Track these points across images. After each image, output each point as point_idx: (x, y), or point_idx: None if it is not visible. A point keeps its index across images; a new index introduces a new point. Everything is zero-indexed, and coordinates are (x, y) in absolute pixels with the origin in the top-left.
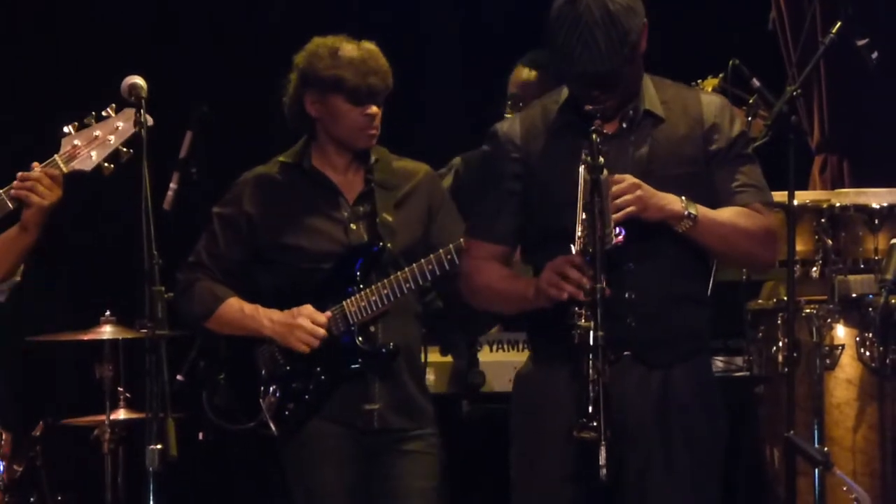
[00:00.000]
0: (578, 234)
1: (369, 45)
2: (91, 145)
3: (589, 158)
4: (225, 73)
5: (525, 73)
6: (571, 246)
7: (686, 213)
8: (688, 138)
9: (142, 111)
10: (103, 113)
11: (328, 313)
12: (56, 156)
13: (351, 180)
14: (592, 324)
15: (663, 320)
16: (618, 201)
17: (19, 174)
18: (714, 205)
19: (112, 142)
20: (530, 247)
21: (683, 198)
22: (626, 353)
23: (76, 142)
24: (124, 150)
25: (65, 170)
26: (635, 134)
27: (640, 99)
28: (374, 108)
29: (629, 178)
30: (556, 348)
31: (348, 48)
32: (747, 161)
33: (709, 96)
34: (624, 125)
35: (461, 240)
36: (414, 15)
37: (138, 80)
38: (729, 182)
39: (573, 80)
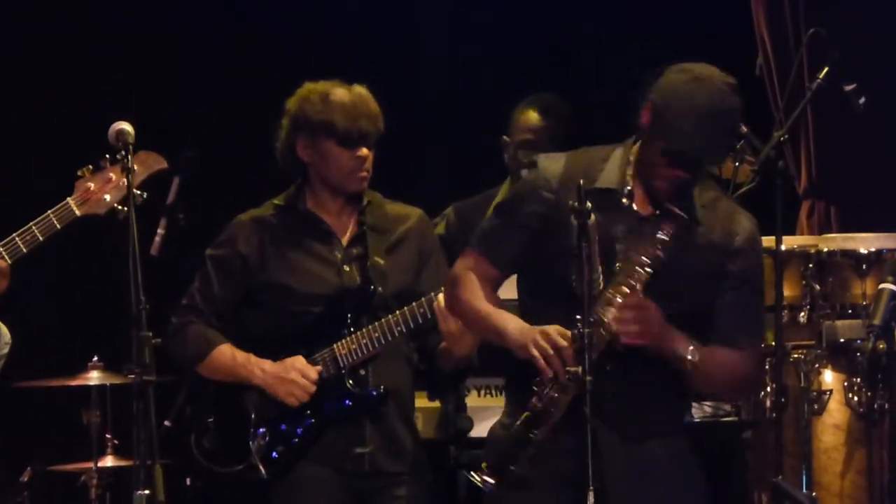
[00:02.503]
0: (580, 317)
1: (360, 90)
2: (105, 189)
3: (577, 204)
4: (214, 117)
5: (535, 119)
6: (577, 317)
7: (690, 359)
8: (714, 249)
9: (129, 157)
10: (118, 156)
11: (319, 368)
12: (69, 199)
13: (344, 223)
14: (581, 369)
15: (641, 405)
16: (629, 329)
17: None
18: (708, 320)
19: (125, 185)
20: (528, 285)
21: (692, 347)
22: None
23: (90, 185)
24: (138, 193)
25: (78, 213)
26: (666, 224)
27: (691, 198)
28: (364, 151)
29: (645, 303)
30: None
31: (339, 92)
32: (756, 294)
33: (747, 219)
34: (657, 212)
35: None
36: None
37: (126, 126)
38: (734, 315)
39: (673, 158)
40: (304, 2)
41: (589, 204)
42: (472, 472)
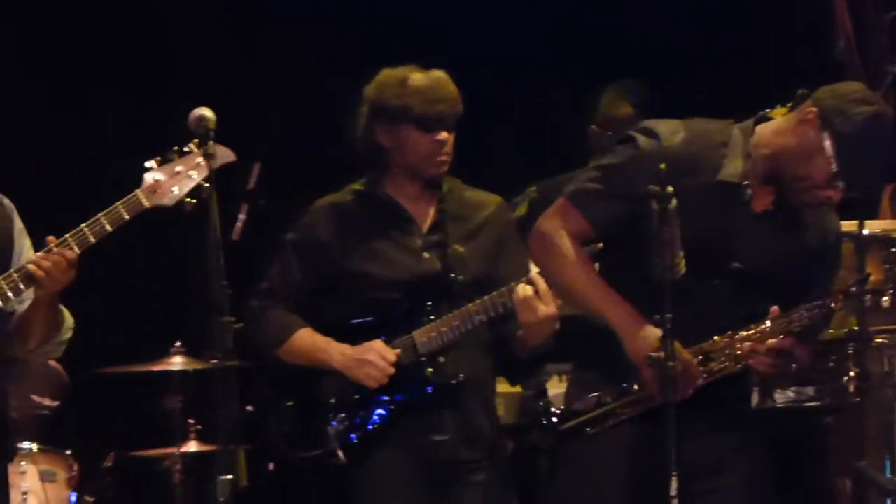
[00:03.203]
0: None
1: (438, 73)
2: (173, 180)
3: (658, 188)
4: (294, 103)
5: (625, 109)
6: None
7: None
8: (810, 250)
9: (210, 143)
10: (185, 148)
11: (398, 350)
12: (138, 190)
13: (424, 209)
14: (663, 354)
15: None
16: (766, 369)
17: (37, 255)
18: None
19: (194, 177)
20: (613, 261)
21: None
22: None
23: (158, 177)
24: (206, 185)
25: (147, 204)
26: (780, 225)
27: None
28: (444, 135)
29: (792, 349)
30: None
31: (416, 77)
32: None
33: (835, 217)
34: (771, 208)
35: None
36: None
37: (206, 112)
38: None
39: (847, 185)
40: None
41: (670, 188)
42: (542, 417)
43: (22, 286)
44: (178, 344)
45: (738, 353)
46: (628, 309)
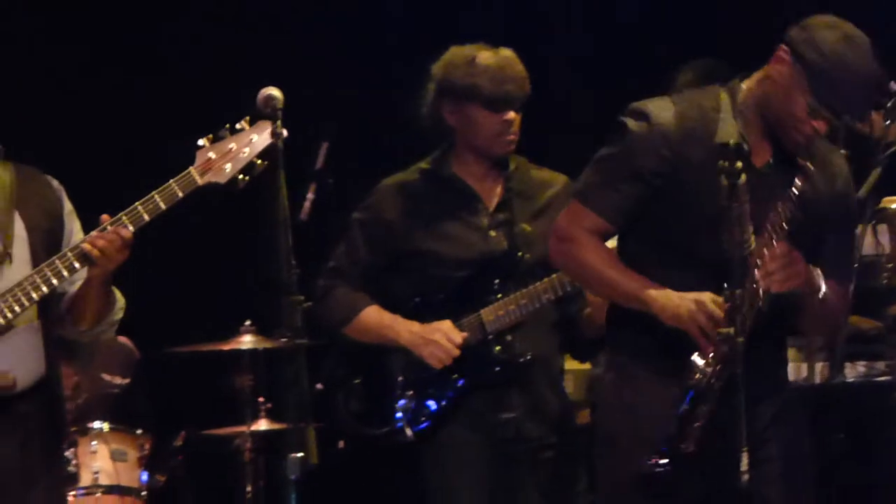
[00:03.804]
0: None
1: (506, 52)
2: (226, 158)
3: (727, 163)
4: (360, 82)
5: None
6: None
7: (822, 289)
8: (819, 195)
9: (278, 122)
10: (237, 126)
11: (465, 333)
12: (191, 168)
13: (490, 188)
14: (733, 330)
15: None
16: (780, 279)
17: (92, 234)
18: (814, 263)
19: (246, 154)
20: (635, 241)
21: (822, 279)
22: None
23: (211, 154)
24: (258, 162)
25: (200, 182)
26: (783, 176)
27: None
28: (511, 115)
29: (789, 252)
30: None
31: (484, 56)
32: (853, 234)
33: (840, 158)
34: (770, 161)
35: None
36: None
37: (275, 92)
38: (836, 257)
39: (823, 115)
40: None
41: (739, 164)
42: (645, 463)
43: (77, 265)
44: (247, 323)
45: (754, 288)
46: (655, 286)
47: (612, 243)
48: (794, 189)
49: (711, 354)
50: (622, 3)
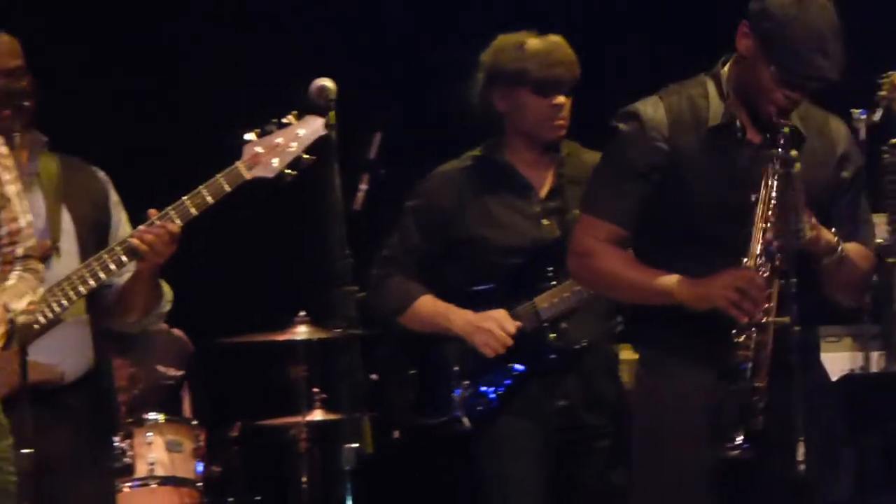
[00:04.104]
0: (758, 249)
1: (555, 38)
2: (273, 152)
3: (781, 151)
4: (409, 71)
5: None
6: (744, 259)
7: (839, 247)
8: (822, 161)
9: (331, 113)
10: (284, 120)
11: (518, 322)
12: (238, 163)
13: (542, 175)
14: (788, 319)
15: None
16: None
17: (139, 228)
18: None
19: (294, 149)
20: (649, 240)
21: (834, 229)
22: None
23: (258, 149)
24: (306, 156)
25: (247, 176)
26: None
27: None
28: (560, 99)
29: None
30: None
31: (533, 42)
32: (863, 197)
33: (837, 121)
34: (767, 136)
35: None
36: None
37: (327, 83)
38: (852, 214)
39: (791, 82)
40: None
41: (794, 152)
42: (723, 453)
43: (124, 259)
44: (302, 313)
45: (776, 260)
46: (678, 277)
47: None
48: (784, 127)
49: (751, 329)
50: (621, 2)
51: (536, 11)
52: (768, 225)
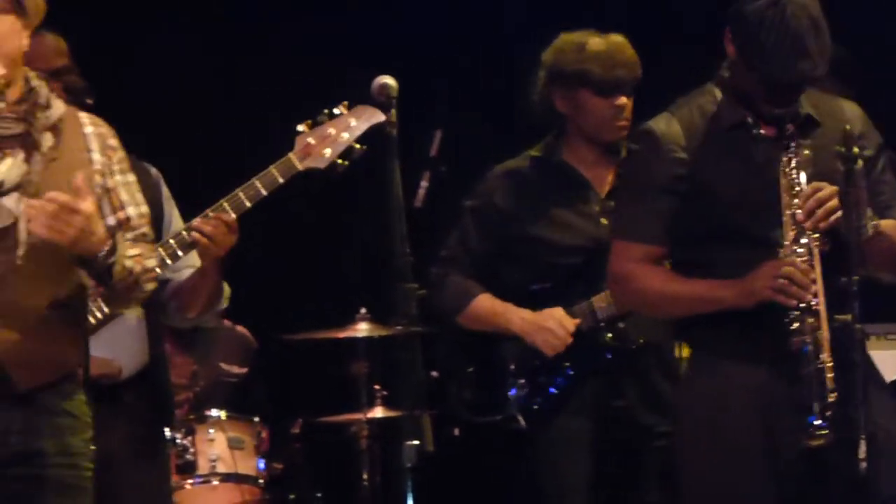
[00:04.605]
0: (791, 236)
1: (616, 38)
2: (325, 143)
3: (843, 149)
4: (469, 70)
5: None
6: (779, 249)
7: (875, 224)
8: (840, 144)
9: (392, 111)
10: (335, 111)
11: (578, 320)
12: (290, 153)
13: (602, 175)
14: (851, 316)
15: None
16: (827, 206)
17: (195, 221)
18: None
19: (345, 139)
20: (684, 247)
21: (871, 212)
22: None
23: (310, 140)
24: (357, 146)
25: (300, 167)
26: (797, 137)
27: (799, 103)
28: (622, 100)
29: (829, 187)
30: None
31: (594, 41)
32: (889, 171)
33: (849, 104)
34: (782, 129)
35: None
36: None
37: (389, 81)
38: (879, 193)
39: (777, 84)
40: None
41: (856, 149)
42: (806, 441)
43: (180, 253)
44: (363, 310)
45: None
46: (720, 282)
47: None
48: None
49: (802, 315)
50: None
51: (597, 10)
52: (797, 211)
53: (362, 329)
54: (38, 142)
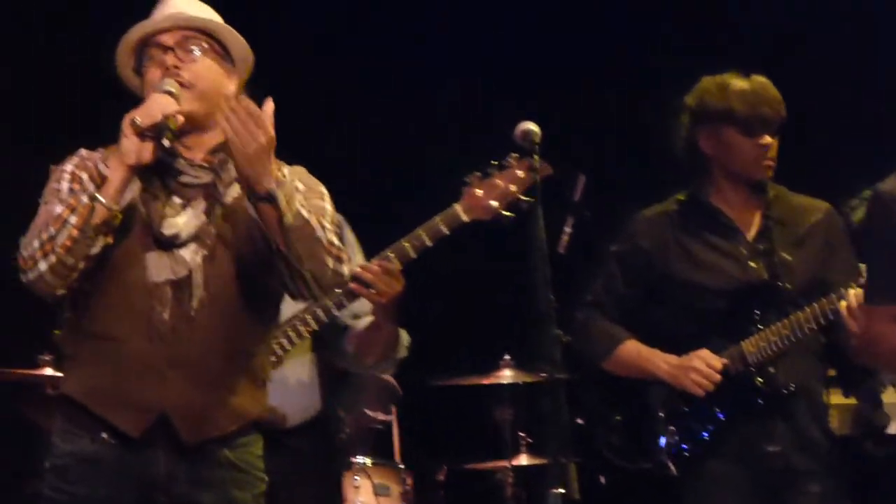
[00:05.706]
0: None
1: (760, 78)
2: (491, 194)
3: None
4: (611, 115)
5: None
6: None
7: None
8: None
9: (535, 156)
10: (504, 162)
11: (725, 359)
12: (455, 204)
13: (749, 217)
14: None
15: None
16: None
17: (356, 268)
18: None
19: (512, 191)
20: None
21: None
22: None
23: (477, 191)
24: (524, 198)
25: (465, 219)
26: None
27: None
28: (767, 139)
29: None
30: None
31: (737, 82)
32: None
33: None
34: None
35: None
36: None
37: (532, 127)
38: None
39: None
40: None
41: None
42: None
43: (345, 302)
44: (507, 357)
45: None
46: None
47: None
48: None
49: None
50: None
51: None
52: None
53: (507, 375)
54: (222, 194)
